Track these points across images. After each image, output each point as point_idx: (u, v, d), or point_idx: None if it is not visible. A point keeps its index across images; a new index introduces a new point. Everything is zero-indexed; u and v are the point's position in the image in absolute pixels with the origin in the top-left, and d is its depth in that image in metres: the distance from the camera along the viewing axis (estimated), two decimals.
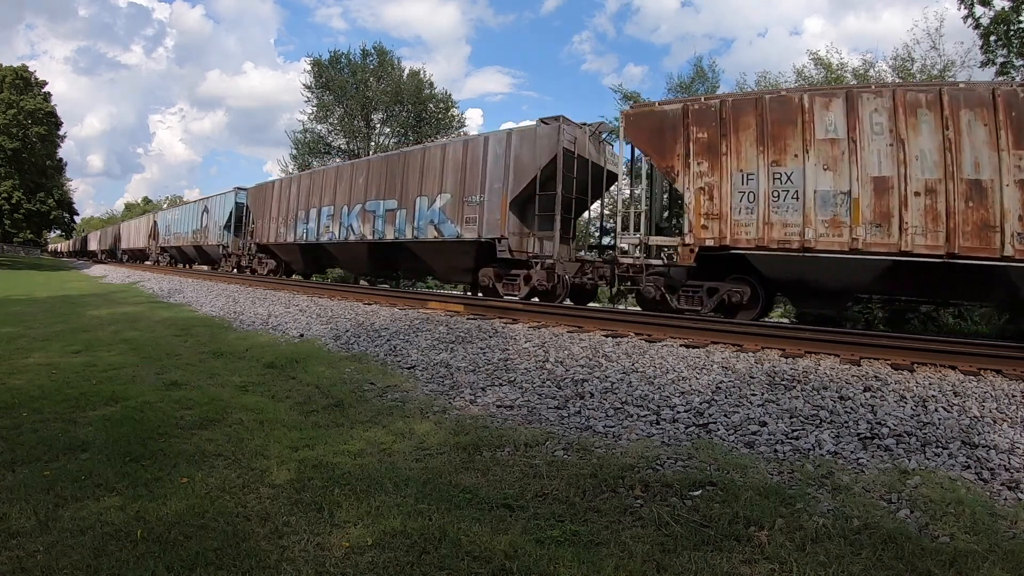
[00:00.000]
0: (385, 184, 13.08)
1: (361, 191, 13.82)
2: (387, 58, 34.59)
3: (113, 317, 10.31)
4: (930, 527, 2.61)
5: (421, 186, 12.04)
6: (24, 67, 39.88)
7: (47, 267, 38.34)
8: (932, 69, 18.04)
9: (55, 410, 4.21)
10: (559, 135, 10.05)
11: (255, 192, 19.92)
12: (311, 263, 17.58)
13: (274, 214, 17.90)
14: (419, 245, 12.19)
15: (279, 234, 17.54)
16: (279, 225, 17.57)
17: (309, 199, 16.11)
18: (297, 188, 16.91)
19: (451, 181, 11.36)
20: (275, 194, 18.10)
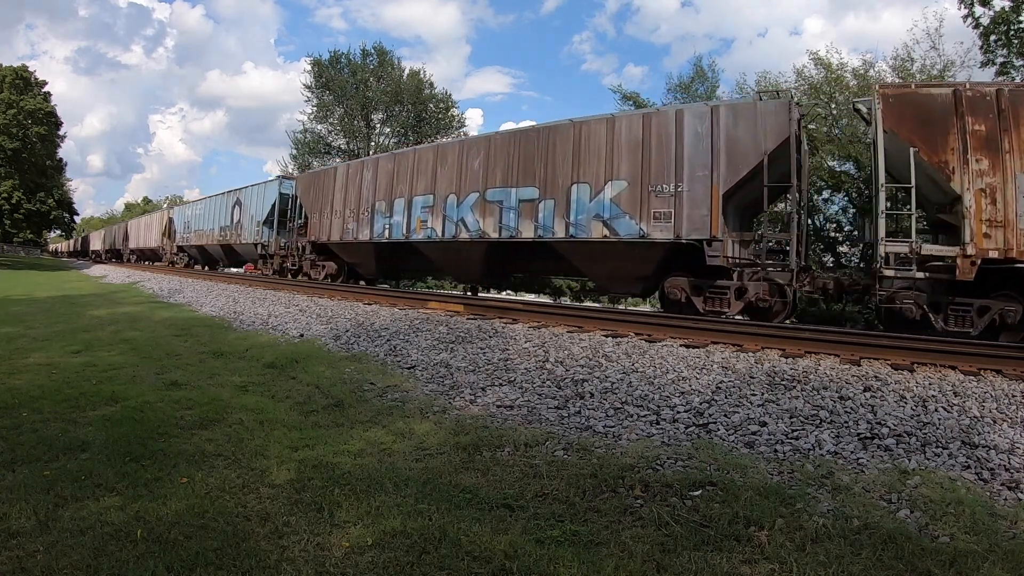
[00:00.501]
0: (518, 168, 10.18)
1: (478, 176, 10.86)
2: (387, 58, 34.60)
3: (113, 317, 10.31)
4: (930, 527, 2.61)
5: (577, 170, 9.29)
6: (24, 67, 39.90)
7: (47, 267, 38.34)
8: (932, 69, 18.03)
9: (55, 410, 4.21)
10: (790, 113, 8.04)
11: (309, 180, 16.66)
12: (387, 267, 14.67)
13: (337, 206, 14.57)
14: (573, 246, 9.46)
15: (345, 231, 14.17)
16: (345, 220, 14.19)
17: (393, 187, 12.86)
18: (374, 174, 13.52)
19: (627, 165, 8.81)
20: (339, 182, 14.64)
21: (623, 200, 8.84)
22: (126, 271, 27.46)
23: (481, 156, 10.93)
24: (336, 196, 14.76)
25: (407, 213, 12.43)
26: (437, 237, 11.67)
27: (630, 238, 8.74)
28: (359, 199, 13.89)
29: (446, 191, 11.55)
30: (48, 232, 62.99)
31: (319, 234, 15.36)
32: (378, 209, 13.24)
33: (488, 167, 10.79)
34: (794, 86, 20.16)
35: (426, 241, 12.04)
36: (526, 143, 10.21)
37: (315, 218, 15.63)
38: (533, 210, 9.88)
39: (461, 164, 11.35)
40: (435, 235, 11.70)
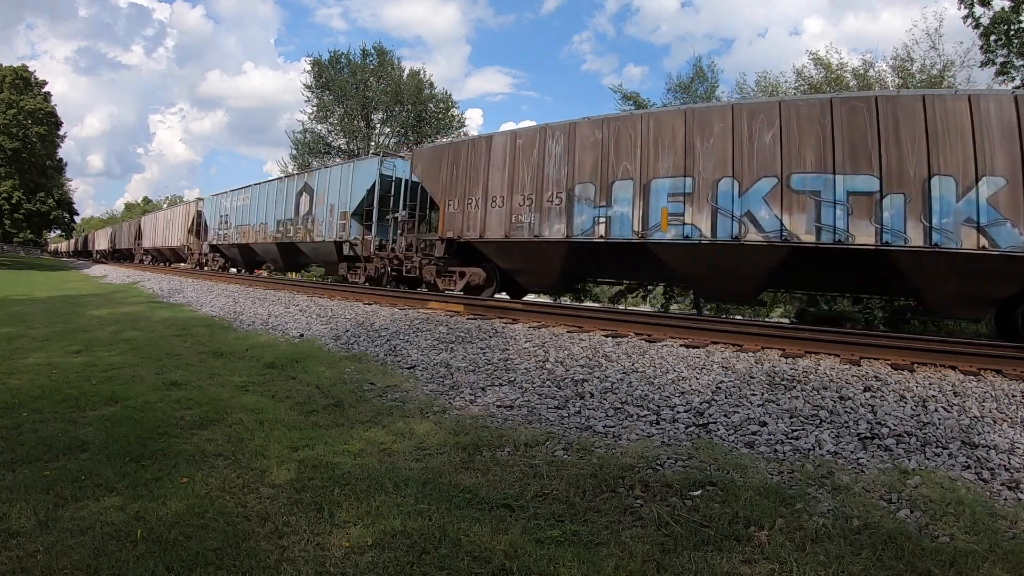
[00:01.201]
0: (841, 148, 7.33)
1: (772, 155, 7.66)
2: (387, 58, 34.56)
3: (113, 317, 10.31)
4: (930, 527, 2.61)
5: (937, 159, 6.91)
6: (24, 67, 39.91)
7: (47, 267, 38.33)
8: (932, 69, 18.04)
9: (55, 410, 4.21)
10: None
11: (436, 156, 11.91)
12: (574, 275, 11.02)
13: (496, 191, 10.50)
14: (928, 258, 6.95)
15: (514, 225, 10.13)
16: (513, 210, 10.19)
17: (609, 165, 8.99)
18: (567, 145, 9.52)
19: (1002, 155, 6.68)
20: (498, 156, 10.52)
21: (1000, 201, 6.68)
22: (126, 271, 27.38)
23: (775, 128, 7.72)
24: (493, 176, 10.55)
25: (640, 202, 8.61)
26: (704, 237, 8.04)
27: (1014, 250, 6.55)
28: (541, 181, 9.80)
29: (714, 173, 8.04)
30: (48, 232, 62.98)
31: (461, 229, 11.06)
32: (580, 196, 9.25)
33: (787, 143, 7.62)
34: (794, 86, 20.20)
35: (678, 242, 8.26)
36: (851, 116, 7.37)
37: (452, 207, 11.29)
38: (871, 206, 7.16)
39: (739, 136, 7.93)
40: (697, 234, 8.08)
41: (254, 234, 19.32)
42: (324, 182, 15.70)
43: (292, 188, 17.26)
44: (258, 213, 19.24)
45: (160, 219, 32.09)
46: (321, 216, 15.57)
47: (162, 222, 31.18)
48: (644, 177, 8.65)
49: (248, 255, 21.12)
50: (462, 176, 11.22)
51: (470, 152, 11.16)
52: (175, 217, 28.91)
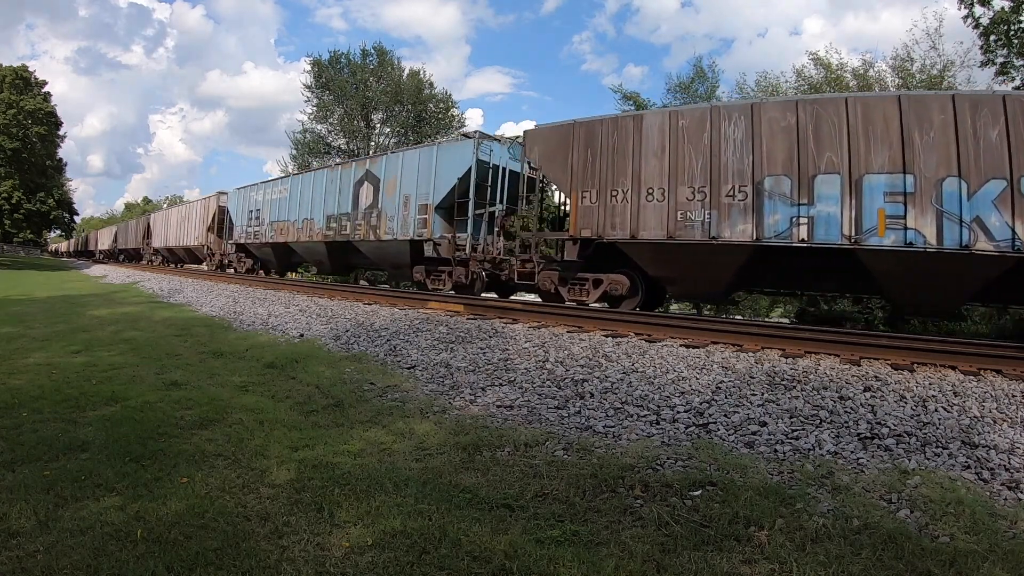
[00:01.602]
0: None
1: (995, 155, 6.72)
2: (387, 58, 34.56)
3: (113, 317, 10.31)
4: (930, 527, 2.61)
5: None
6: (24, 67, 39.91)
7: (47, 267, 38.33)
8: (932, 69, 18.05)
9: (55, 410, 4.21)
10: None
11: (562, 137, 9.56)
12: (740, 285, 9.30)
13: (650, 181, 8.56)
14: None
15: (679, 224, 8.30)
16: (680, 205, 8.31)
17: (806, 155, 7.58)
18: (748, 131, 7.95)
19: None
20: (654, 140, 8.59)
21: None
22: (126, 271, 27.31)
23: (1000, 124, 6.71)
24: (648, 164, 8.63)
25: (852, 201, 7.31)
26: (929, 244, 6.88)
27: None
28: (716, 171, 8.06)
29: (938, 171, 6.98)
30: (48, 232, 63.00)
31: (602, 227, 9.03)
32: (772, 191, 7.75)
33: (1019, 143, 6.62)
34: (794, 86, 20.21)
35: (898, 249, 7.04)
36: None
37: (588, 199, 9.20)
38: None
39: (963, 131, 6.84)
40: (922, 240, 6.92)
41: (294, 232, 16.47)
42: (395, 169, 12.84)
43: (349, 177, 14.27)
44: (300, 207, 16.31)
45: (173, 216, 28.57)
46: (391, 210, 12.75)
47: (176, 219, 27.74)
48: (855, 172, 7.34)
49: (284, 256, 18.25)
50: (602, 162, 9.06)
51: (612, 133, 9.03)
52: (192, 213, 25.42)
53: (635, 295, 9.28)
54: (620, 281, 9.26)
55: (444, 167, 11.72)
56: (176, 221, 27.67)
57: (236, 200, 20.96)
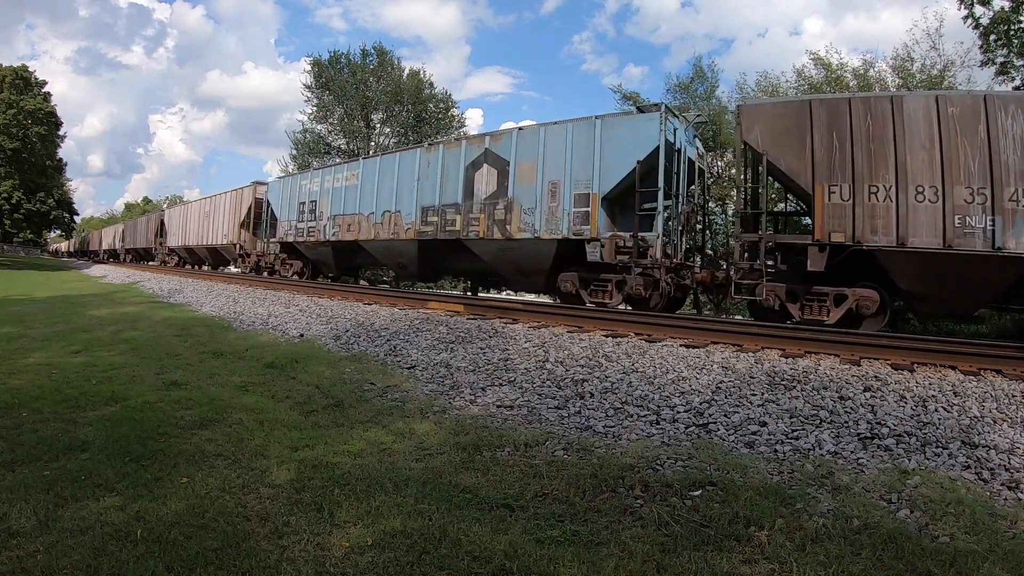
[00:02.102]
0: None
1: None
2: (387, 58, 34.60)
3: (113, 317, 10.31)
4: (930, 527, 2.61)
5: None
6: (24, 67, 39.90)
7: (47, 267, 38.34)
8: (932, 69, 18.06)
9: (55, 410, 4.21)
10: None
11: (796, 115, 7.97)
12: (994, 301, 8.00)
13: (917, 177, 7.17)
14: None
15: (957, 231, 6.95)
16: (955, 208, 6.97)
17: None
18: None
19: None
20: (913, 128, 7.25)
21: None
22: (126, 271, 27.23)
23: None
24: (913, 155, 7.20)
25: None
26: None
27: None
28: (996, 170, 6.89)
29: None
30: (48, 232, 63.03)
31: (858, 230, 7.40)
32: None
33: None
34: (793, 86, 20.21)
35: None
36: None
37: (838, 195, 7.54)
38: None
39: None
40: None
41: (368, 228, 13.38)
42: (534, 148, 10.00)
43: (456, 159, 11.35)
44: (378, 197, 13.19)
45: (194, 211, 24.95)
46: (528, 200, 9.96)
47: (198, 215, 24.18)
48: None
49: (349, 257, 15.24)
50: (855, 150, 7.51)
51: (864, 116, 7.57)
52: (220, 208, 21.66)
53: (883, 313, 7.74)
54: (870, 297, 7.63)
55: (614, 147, 9.14)
56: (198, 217, 24.00)
57: (280, 191, 17.61)
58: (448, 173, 11.64)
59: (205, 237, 23.05)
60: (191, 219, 25.27)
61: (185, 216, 26.36)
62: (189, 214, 25.92)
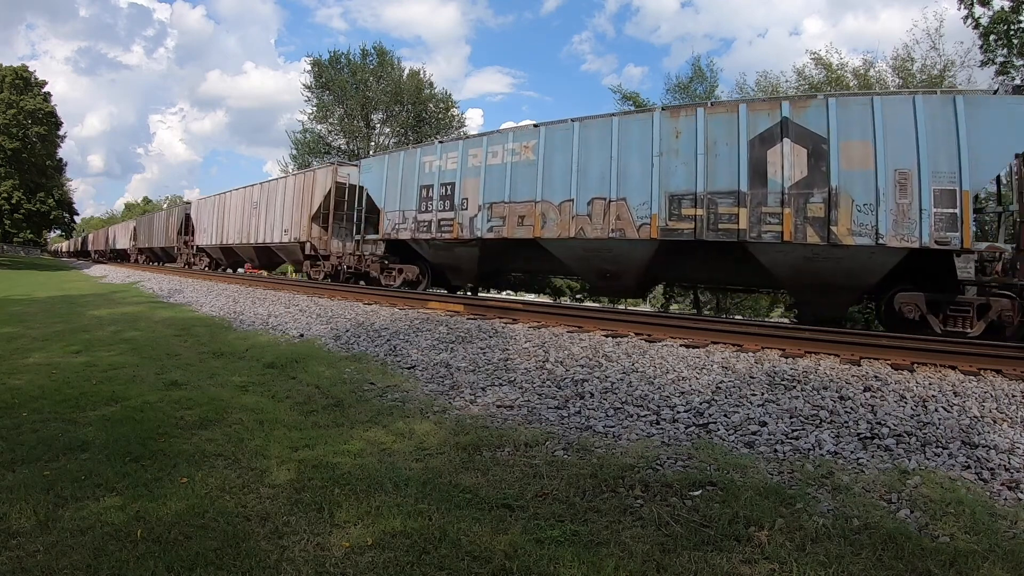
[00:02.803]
0: None
1: None
2: (387, 58, 34.65)
3: (113, 317, 10.31)
4: (930, 527, 2.61)
5: None
6: (24, 67, 39.94)
7: (47, 267, 38.33)
8: (932, 69, 18.07)
9: (55, 410, 4.21)
10: None
11: None
12: None
13: None
14: None
15: None
16: None
17: None
18: None
19: None
20: None
21: None
22: (126, 271, 27.14)
23: None
24: None
25: None
26: None
27: None
28: None
29: None
30: (48, 232, 63.06)
31: None
32: None
33: None
34: (794, 86, 20.23)
35: None
36: None
37: None
38: None
39: None
40: None
41: (562, 221, 9.84)
42: (860, 123, 7.52)
43: (731, 129, 8.33)
44: (579, 179, 9.71)
45: (235, 201, 20.48)
46: (864, 193, 7.41)
47: (241, 205, 19.95)
48: None
49: (505, 259, 12.02)
50: None
51: None
52: (277, 197, 17.31)
53: None
54: None
55: (989, 131, 7.01)
56: (241, 208, 19.77)
57: (385, 171, 13.34)
58: (717, 148, 8.45)
59: (252, 234, 18.75)
60: (231, 212, 20.89)
61: (222, 209, 21.76)
62: (228, 205, 21.16)
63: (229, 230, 20.84)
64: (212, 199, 23.65)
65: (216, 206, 22.77)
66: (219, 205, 22.34)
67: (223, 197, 22.31)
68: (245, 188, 20.49)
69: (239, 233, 20.03)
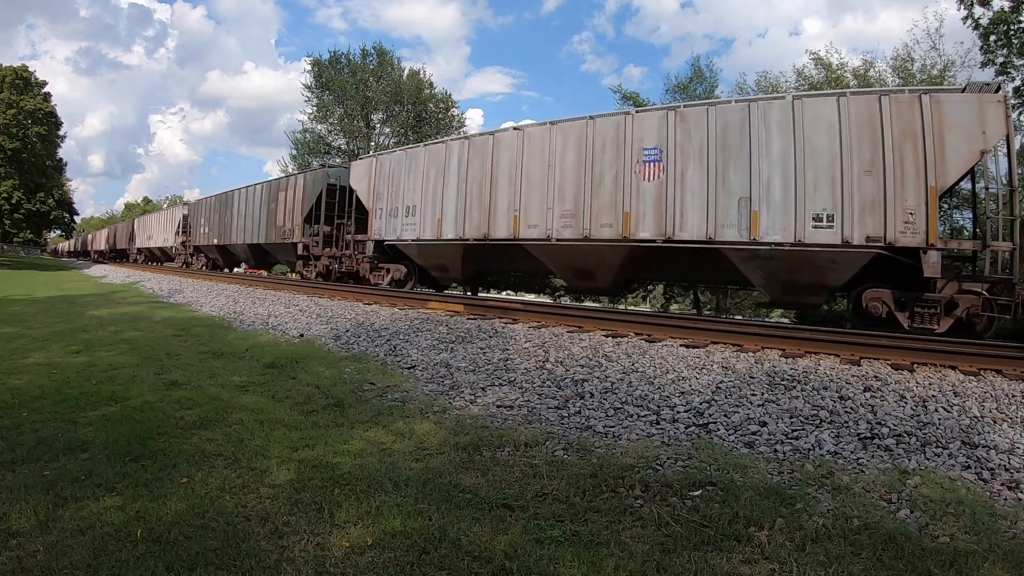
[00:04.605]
0: None
1: None
2: (387, 58, 34.57)
3: (113, 317, 10.30)
4: (930, 527, 2.61)
5: None
6: (24, 67, 39.94)
7: (47, 267, 38.32)
8: (932, 69, 18.06)
9: (55, 410, 4.21)
10: None
11: None
12: None
13: None
14: None
15: None
16: None
17: None
18: None
19: None
20: None
21: None
22: (126, 271, 27.15)
23: None
24: None
25: None
26: None
27: None
28: None
29: None
30: (48, 232, 63.04)
31: None
32: None
33: None
34: (794, 86, 20.21)
35: None
36: None
37: None
38: None
39: None
40: None
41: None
42: None
43: None
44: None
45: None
46: None
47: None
48: None
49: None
50: None
51: None
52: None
53: None
54: None
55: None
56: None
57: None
58: None
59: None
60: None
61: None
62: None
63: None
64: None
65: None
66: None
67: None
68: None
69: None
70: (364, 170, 13.98)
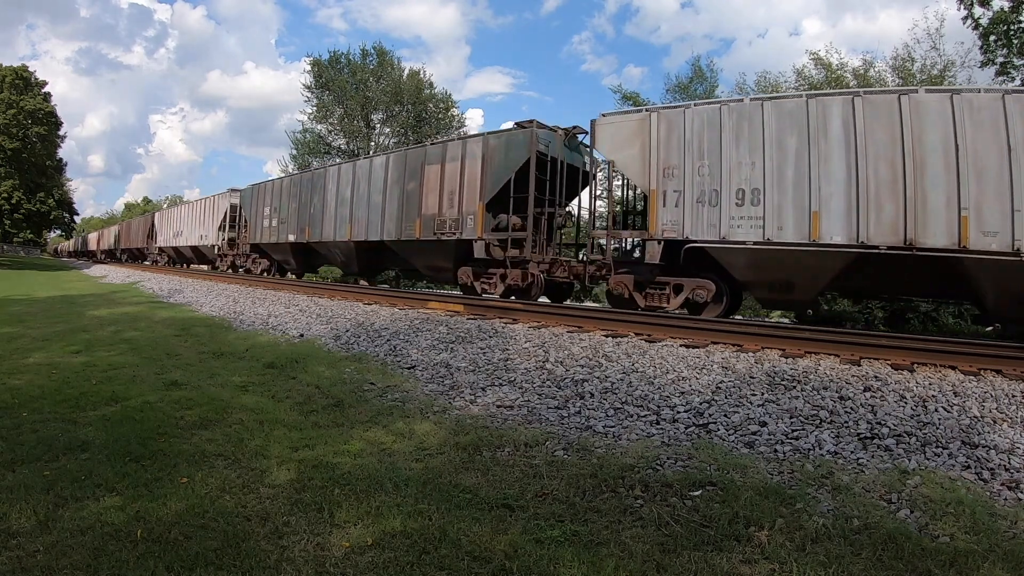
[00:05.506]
0: None
1: None
2: (387, 58, 34.57)
3: (113, 317, 10.31)
4: (930, 527, 2.61)
5: None
6: (24, 67, 39.90)
7: (47, 267, 38.31)
8: (932, 69, 18.07)
9: (55, 410, 4.21)
10: None
11: None
12: None
13: None
14: None
15: None
16: None
17: None
18: None
19: None
20: None
21: None
22: (125, 271, 27.23)
23: None
24: None
25: None
26: None
27: None
28: None
29: None
30: (48, 232, 63.04)
31: None
32: None
33: None
34: (794, 86, 20.21)
35: None
36: None
37: None
38: None
39: None
40: None
41: None
42: None
43: None
44: None
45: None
46: None
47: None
48: None
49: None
50: None
51: None
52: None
53: None
54: None
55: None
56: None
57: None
58: None
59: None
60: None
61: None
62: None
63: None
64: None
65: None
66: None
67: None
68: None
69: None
70: (632, 130, 9.09)
